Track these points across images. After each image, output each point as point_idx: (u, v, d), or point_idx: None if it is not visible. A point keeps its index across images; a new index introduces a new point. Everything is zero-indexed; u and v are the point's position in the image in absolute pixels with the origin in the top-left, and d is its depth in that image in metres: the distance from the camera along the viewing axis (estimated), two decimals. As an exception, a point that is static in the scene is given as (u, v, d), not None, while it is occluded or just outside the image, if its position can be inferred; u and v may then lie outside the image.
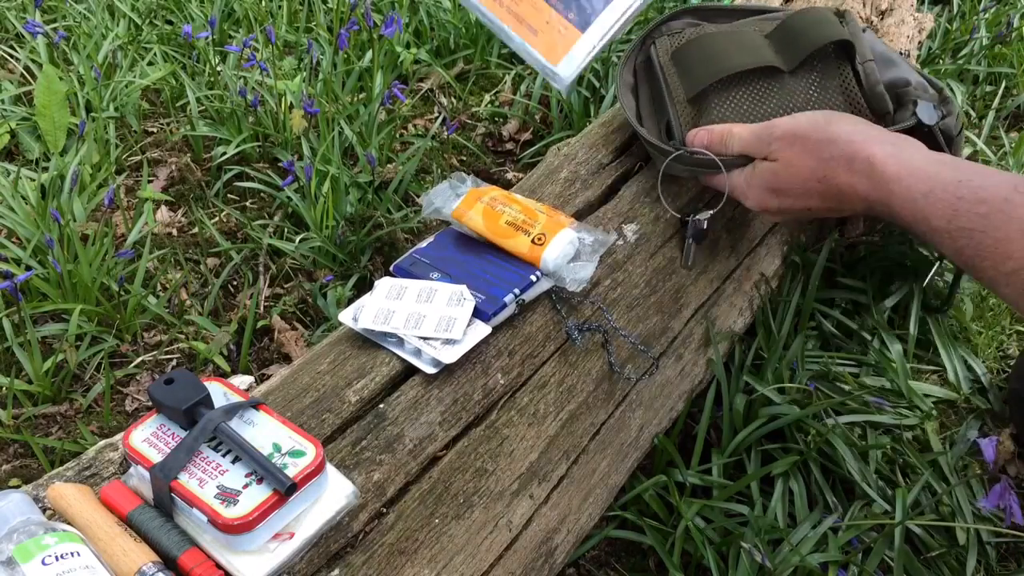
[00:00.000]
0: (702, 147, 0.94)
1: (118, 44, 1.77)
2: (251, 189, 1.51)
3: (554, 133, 1.67)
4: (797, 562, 0.90)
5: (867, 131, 0.83)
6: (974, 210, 0.71)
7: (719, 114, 0.97)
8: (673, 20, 1.10)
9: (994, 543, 0.98)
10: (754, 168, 0.90)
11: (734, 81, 0.98)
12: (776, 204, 0.89)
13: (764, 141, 0.88)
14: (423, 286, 0.81)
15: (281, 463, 0.61)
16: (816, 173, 0.83)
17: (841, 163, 0.81)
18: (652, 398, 0.97)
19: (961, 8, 2.12)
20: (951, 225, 0.73)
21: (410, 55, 1.82)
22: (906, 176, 0.76)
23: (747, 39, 1.00)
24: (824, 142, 0.83)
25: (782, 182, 0.87)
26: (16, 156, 1.56)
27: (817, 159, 0.83)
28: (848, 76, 0.97)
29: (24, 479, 1.06)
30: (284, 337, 1.27)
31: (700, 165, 0.95)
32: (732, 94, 0.98)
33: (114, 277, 1.26)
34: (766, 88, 0.98)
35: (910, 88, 0.99)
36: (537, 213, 0.86)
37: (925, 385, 1.17)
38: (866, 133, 0.82)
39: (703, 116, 0.98)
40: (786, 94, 0.97)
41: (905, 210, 0.76)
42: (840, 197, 0.82)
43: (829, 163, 0.82)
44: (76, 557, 0.55)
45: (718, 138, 0.93)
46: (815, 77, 0.98)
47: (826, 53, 0.98)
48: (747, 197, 0.91)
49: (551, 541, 0.82)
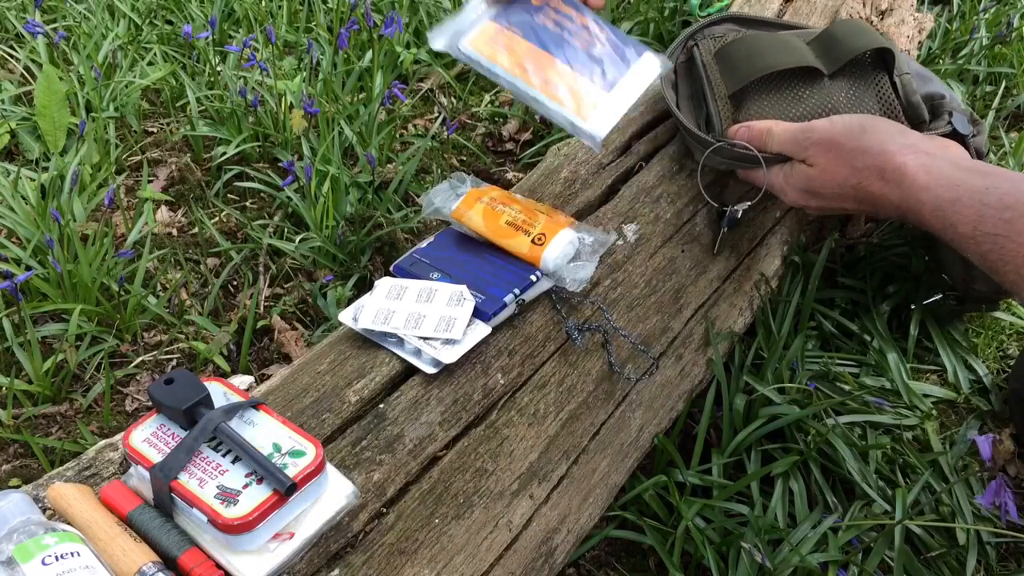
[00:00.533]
0: (743, 142, 0.97)
1: (118, 44, 1.77)
2: (251, 189, 1.51)
3: (554, 133, 1.67)
4: (797, 562, 0.90)
5: (902, 139, 0.84)
6: (999, 216, 0.73)
7: (758, 110, 1.00)
8: (715, 25, 1.14)
9: (994, 543, 0.98)
10: (792, 168, 0.93)
11: (775, 80, 1.01)
12: (813, 204, 0.93)
13: (801, 145, 0.91)
14: (423, 286, 0.81)
15: (281, 463, 0.61)
16: (850, 180, 0.86)
17: (874, 173, 0.83)
18: (652, 398, 0.97)
19: (961, 8, 2.12)
20: (976, 231, 0.75)
21: (410, 55, 1.82)
22: (934, 185, 0.78)
23: (790, 42, 1.04)
24: (858, 151, 0.85)
25: (817, 186, 0.90)
26: (16, 156, 1.56)
27: (851, 168, 0.85)
28: (885, 84, 1.01)
29: (24, 479, 1.06)
30: (284, 337, 1.27)
31: (739, 159, 0.98)
32: (772, 93, 1.01)
33: (114, 277, 1.26)
34: (805, 89, 1.01)
35: (945, 101, 1.04)
36: (537, 213, 0.86)
37: (925, 385, 1.17)
38: (900, 142, 0.84)
39: (742, 112, 1.01)
40: (824, 96, 1.00)
41: (934, 218, 0.78)
42: (874, 203, 0.85)
43: (862, 172, 0.84)
44: (76, 557, 0.55)
45: (757, 135, 0.96)
46: (854, 83, 1.02)
47: (865, 62, 1.02)
48: (785, 194, 0.95)
49: (551, 541, 0.82)
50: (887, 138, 0.84)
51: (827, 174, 0.88)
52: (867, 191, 0.85)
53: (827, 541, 0.93)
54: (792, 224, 1.21)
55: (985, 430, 1.12)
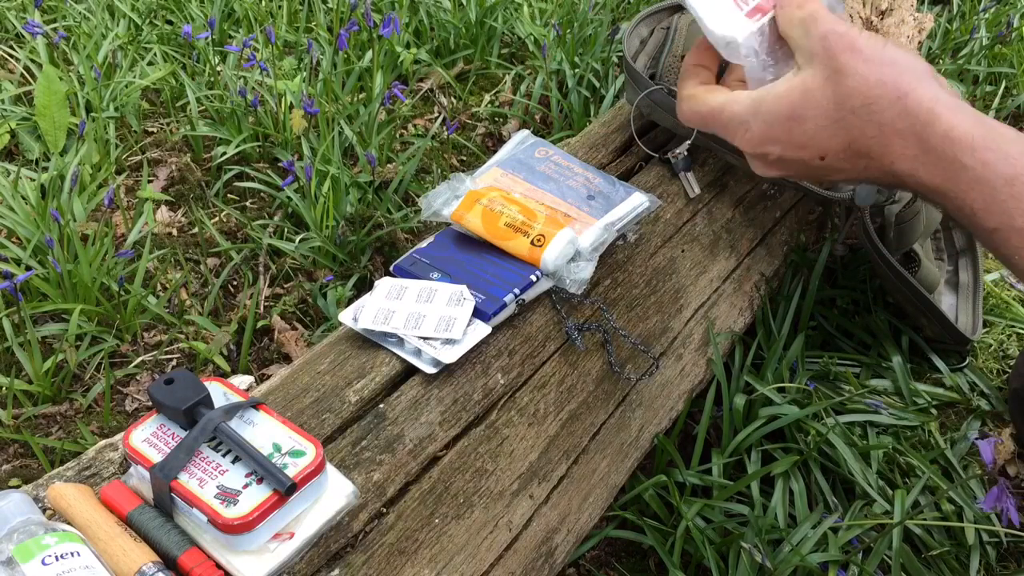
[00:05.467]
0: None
1: (118, 44, 1.77)
2: (251, 189, 1.51)
3: (554, 133, 1.67)
4: (797, 562, 0.90)
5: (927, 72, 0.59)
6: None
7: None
8: None
9: (994, 543, 0.98)
10: (769, 91, 0.62)
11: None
12: (778, 150, 0.63)
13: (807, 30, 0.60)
14: (423, 286, 0.81)
15: (281, 463, 0.61)
16: (851, 102, 0.58)
17: (892, 101, 0.57)
18: (652, 398, 0.97)
19: (961, 8, 2.12)
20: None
21: (410, 55, 1.82)
22: (982, 148, 0.56)
23: None
24: (877, 63, 0.58)
25: (804, 110, 0.60)
26: (16, 156, 1.56)
27: (862, 81, 0.58)
28: None
29: (24, 479, 1.06)
30: (284, 337, 1.27)
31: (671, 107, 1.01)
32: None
33: (114, 277, 1.26)
34: None
35: None
36: (536, 213, 0.86)
37: (925, 385, 1.17)
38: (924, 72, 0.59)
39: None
40: None
41: (973, 194, 0.56)
42: (869, 151, 0.59)
43: (876, 92, 0.58)
44: (76, 557, 0.55)
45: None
46: None
47: None
48: (748, 129, 0.63)
49: (551, 541, 0.82)
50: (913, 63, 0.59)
51: (827, 87, 0.59)
52: (874, 123, 0.58)
53: (827, 541, 0.93)
54: (792, 224, 1.21)
55: (985, 430, 1.12)
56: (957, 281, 1.31)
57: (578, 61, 1.79)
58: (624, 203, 0.93)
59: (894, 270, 1.14)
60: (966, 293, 1.30)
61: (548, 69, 1.76)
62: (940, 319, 1.17)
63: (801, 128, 0.61)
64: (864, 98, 0.58)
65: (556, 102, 1.71)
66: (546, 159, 0.98)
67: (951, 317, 1.21)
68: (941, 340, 1.21)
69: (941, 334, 1.20)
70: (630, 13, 1.98)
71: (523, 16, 1.97)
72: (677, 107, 0.68)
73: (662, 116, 1.05)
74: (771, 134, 0.62)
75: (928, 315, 1.17)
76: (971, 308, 1.28)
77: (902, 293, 1.16)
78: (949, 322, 1.17)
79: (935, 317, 1.17)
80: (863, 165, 0.60)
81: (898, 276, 1.14)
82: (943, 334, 1.19)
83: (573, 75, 1.73)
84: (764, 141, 0.63)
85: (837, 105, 0.59)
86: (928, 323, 1.19)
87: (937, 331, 1.19)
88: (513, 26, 1.96)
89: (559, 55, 1.79)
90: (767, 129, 0.62)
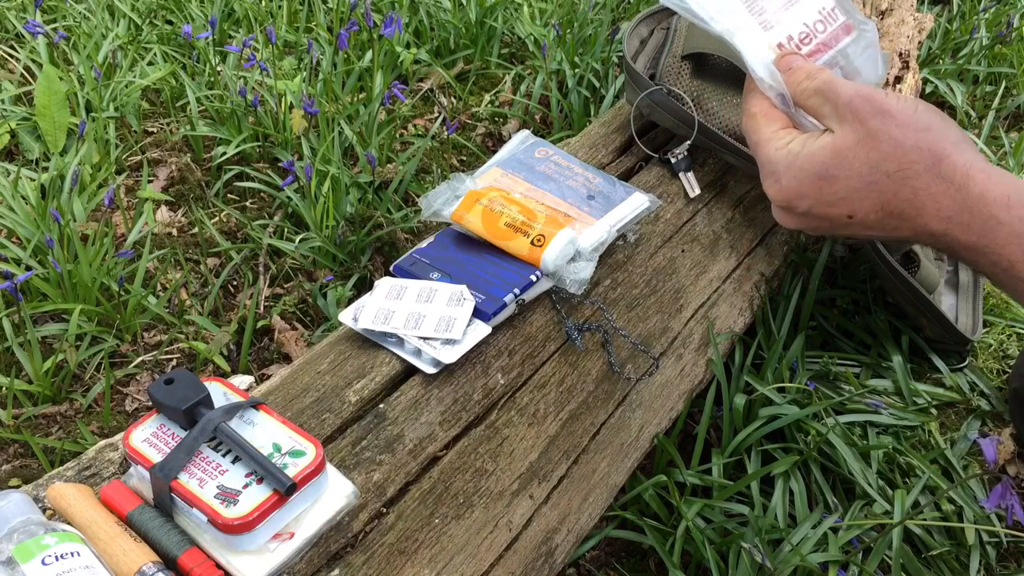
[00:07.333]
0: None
1: (118, 44, 1.77)
2: (251, 189, 1.51)
3: (554, 133, 1.67)
4: (797, 562, 0.90)
5: (963, 143, 0.60)
6: None
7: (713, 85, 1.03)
8: None
9: (994, 543, 0.98)
10: (804, 145, 0.63)
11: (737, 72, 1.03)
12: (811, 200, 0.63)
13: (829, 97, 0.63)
14: (423, 286, 0.81)
15: (281, 463, 0.61)
16: (886, 165, 0.59)
17: (927, 163, 0.58)
18: (652, 398, 0.97)
19: (961, 8, 2.12)
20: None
21: (410, 55, 1.82)
22: (1017, 205, 0.57)
23: None
24: (912, 128, 0.59)
25: (836, 169, 0.61)
26: (16, 156, 1.56)
27: (895, 146, 0.59)
28: None
29: (24, 479, 1.06)
30: (284, 337, 1.27)
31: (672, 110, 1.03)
32: (731, 84, 1.04)
33: (114, 277, 1.26)
34: None
35: None
36: (536, 213, 0.86)
37: (925, 385, 1.17)
38: (958, 142, 0.60)
39: (697, 80, 1.06)
40: None
41: (1011, 247, 0.57)
42: (909, 211, 0.60)
43: (910, 156, 0.59)
44: (76, 557, 0.55)
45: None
46: None
47: None
48: (778, 180, 0.64)
49: (551, 541, 0.82)
50: (942, 123, 0.60)
51: (859, 150, 0.60)
52: (908, 187, 0.59)
53: (827, 541, 0.93)
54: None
55: (985, 430, 1.12)
56: (957, 281, 1.31)
57: (578, 61, 1.79)
58: (624, 203, 0.93)
59: (894, 270, 1.14)
60: (966, 293, 1.30)
61: (548, 69, 1.76)
62: (940, 319, 1.17)
63: (831, 188, 0.62)
64: (899, 163, 0.59)
65: (556, 102, 1.71)
66: (546, 159, 0.98)
67: (951, 317, 1.21)
68: (941, 340, 1.21)
69: (941, 334, 1.20)
70: (630, 13, 1.98)
71: (523, 16, 1.97)
72: (742, 118, 0.70)
73: (662, 116, 1.04)
74: (800, 190, 0.63)
75: (928, 315, 1.17)
76: (971, 308, 1.28)
77: (902, 293, 1.16)
78: (949, 322, 1.17)
79: (935, 317, 1.17)
80: (894, 225, 0.61)
81: (898, 276, 1.14)
82: (943, 334, 1.19)
83: (573, 75, 1.73)
84: (792, 196, 0.64)
85: (871, 168, 0.60)
86: (928, 323, 1.19)
87: (937, 331, 1.19)
88: (513, 26, 1.96)
89: (559, 55, 1.79)
90: (796, 185, 0.63)
